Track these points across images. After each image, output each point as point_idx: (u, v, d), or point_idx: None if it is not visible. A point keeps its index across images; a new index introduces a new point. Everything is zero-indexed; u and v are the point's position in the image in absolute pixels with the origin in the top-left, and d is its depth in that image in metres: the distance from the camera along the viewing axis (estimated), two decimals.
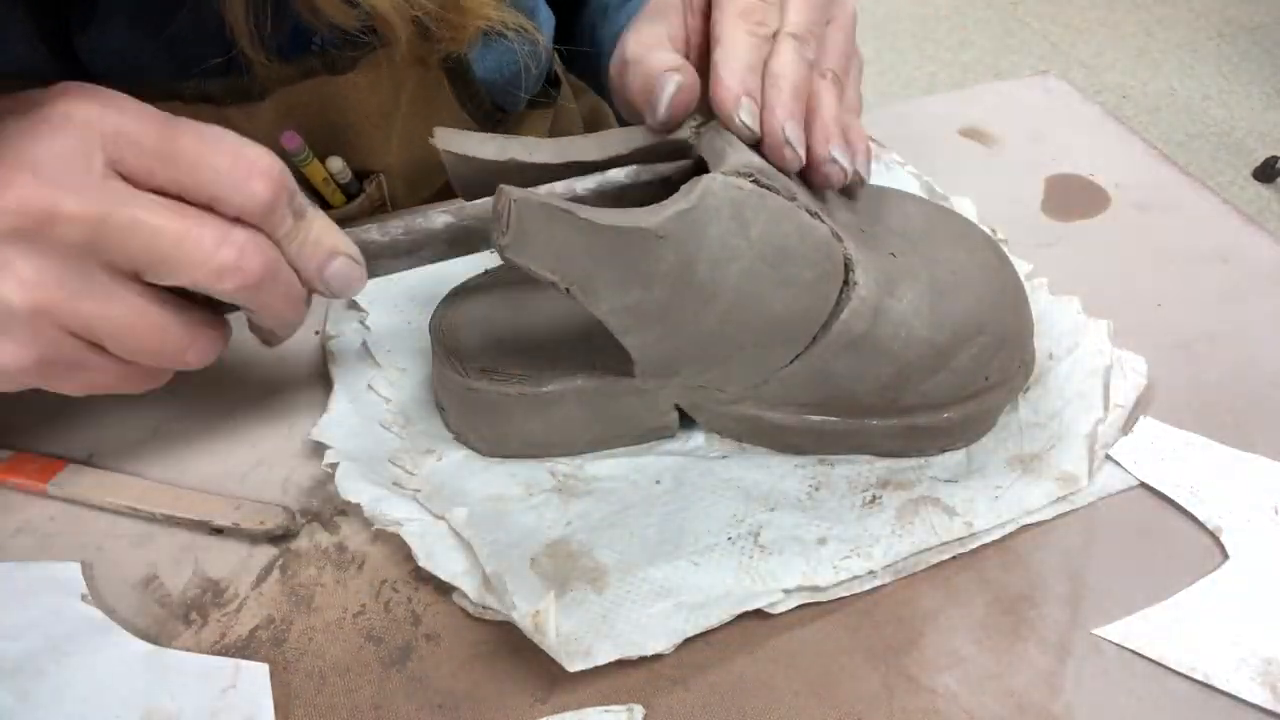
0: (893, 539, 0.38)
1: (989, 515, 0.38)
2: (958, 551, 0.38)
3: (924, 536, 0.38)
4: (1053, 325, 0.46)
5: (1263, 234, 0.54)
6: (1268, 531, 0.39)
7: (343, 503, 0.39)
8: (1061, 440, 0.41)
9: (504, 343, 0.41)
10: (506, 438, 0.41)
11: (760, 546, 0.38)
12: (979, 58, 2.29)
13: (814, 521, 0.38)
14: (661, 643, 0.34)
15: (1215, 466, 0.42)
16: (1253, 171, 1.94)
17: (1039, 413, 0.42)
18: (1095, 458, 0.40)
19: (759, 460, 0.41)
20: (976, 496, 0.39)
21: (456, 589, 0.36)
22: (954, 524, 0.38)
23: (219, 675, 0.34)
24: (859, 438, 0.41)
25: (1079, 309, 0.46)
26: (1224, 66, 2.25)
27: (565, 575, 0.36)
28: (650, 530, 0.38)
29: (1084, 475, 0.40)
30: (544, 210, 0.34)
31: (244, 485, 0.41)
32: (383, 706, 0.34)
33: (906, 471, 0.40)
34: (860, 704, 0.34)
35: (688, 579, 0.36)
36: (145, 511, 0.39)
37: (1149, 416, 0.43)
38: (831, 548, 0.37)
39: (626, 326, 0.37)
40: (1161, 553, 0.39)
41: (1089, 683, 0.35)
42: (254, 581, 0.38)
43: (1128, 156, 0.60)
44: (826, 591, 0.37)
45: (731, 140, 0.37)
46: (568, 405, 0.40)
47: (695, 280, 0.36)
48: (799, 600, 0.36)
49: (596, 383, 0.39)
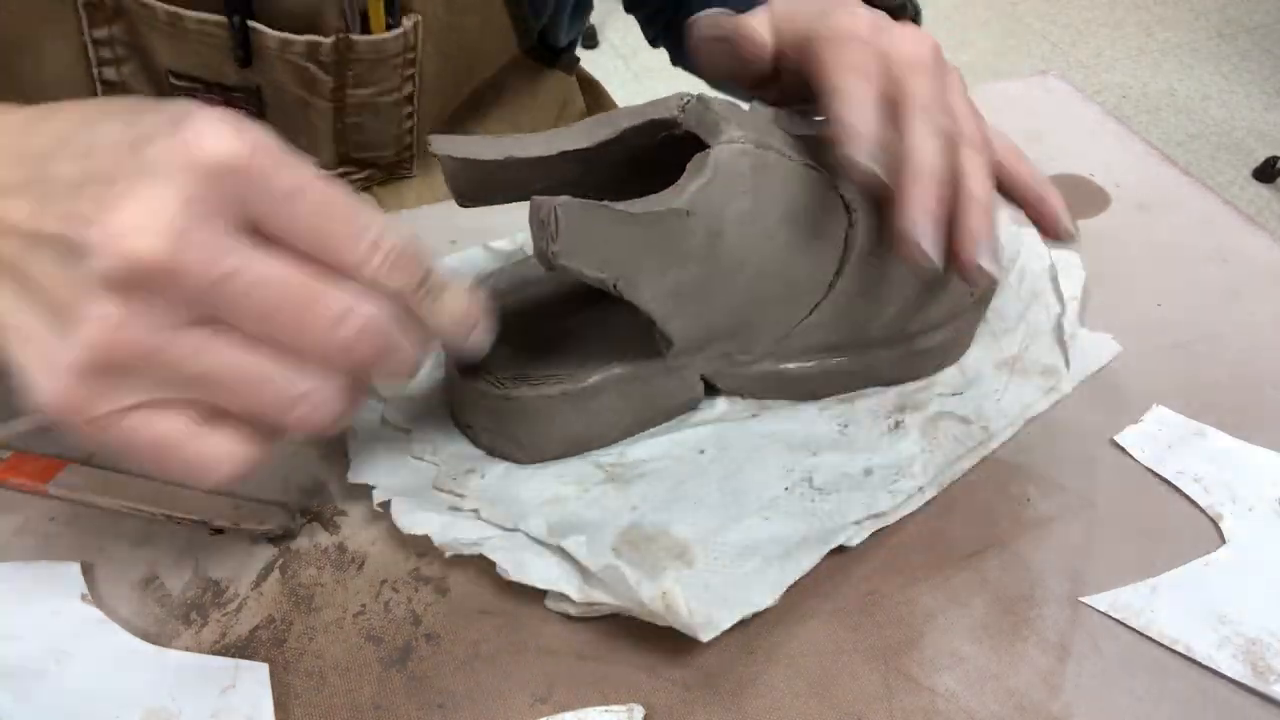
0: (926, 456, 0.40)
1: (998, 418, 0.42)
2: (982, 455, 0.42)
3: (952, 447, 0.41)
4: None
5: (1263, 234, 0.54)
6: (1269, 521, 0.39)
7: (344, 503, 0.39)
8: (1033, 339, 0.46)
9: (527, 348, 0.41)
10: (548, 440, 0.40)
11: (817, 489, 0.39)
12: (979, 58, 2.29)
13: (854, 456, 0.41)
14: (768, 597, 0.35)
15: (1223, 456, 0.42)
16: (1253, 171, 1.94)
17: (1006, 318, 0.47)
18: (1065, 348, 0.45)
19: (786, 413, 0.43)
20: (982, 403, 0.43)
21: (550, 593, 0.36)
22: (972, 430, 0.42)
23: (219, 675, 0.34)
24: (870, 372, 0.44)
25: (1009, 219, 0.49)
26: (1224, 66, 2.25)
27: (653, 557, 0.37)
28: (712, 497, 0.39)
29: (1061, 365, 0.45)
30: (585, 210, 0.34)
31: (244, 485, 0.41)
32: (383, 706, 0.34)
33: (916, 394, 0.44)
34: (860, 704, 0.34)
35: (763, 533, 0.37)
36: (145, 511, 0.39)
37: (1160, 405, 0.44)
38: (878, 476, 0.40)
39: (668, 311, 0.38)
40: (1163, 552, 0.39)
41: (1089, 683, 0.35)
42: (254, 581, 0.38)
43: (1128, 156, 0.60)
44: (888, 515, 0.39)
45: (721, 111, 0.38)
46: (607, 396, 0.40)
47: (724, 251, 0.37)
48: (870, 529, 0.39)
49: (631, 368, 0.40)
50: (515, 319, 0.41)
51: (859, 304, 0.41)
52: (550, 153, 0.39)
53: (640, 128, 0.40)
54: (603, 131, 0.40)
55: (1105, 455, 0.43)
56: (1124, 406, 0.44)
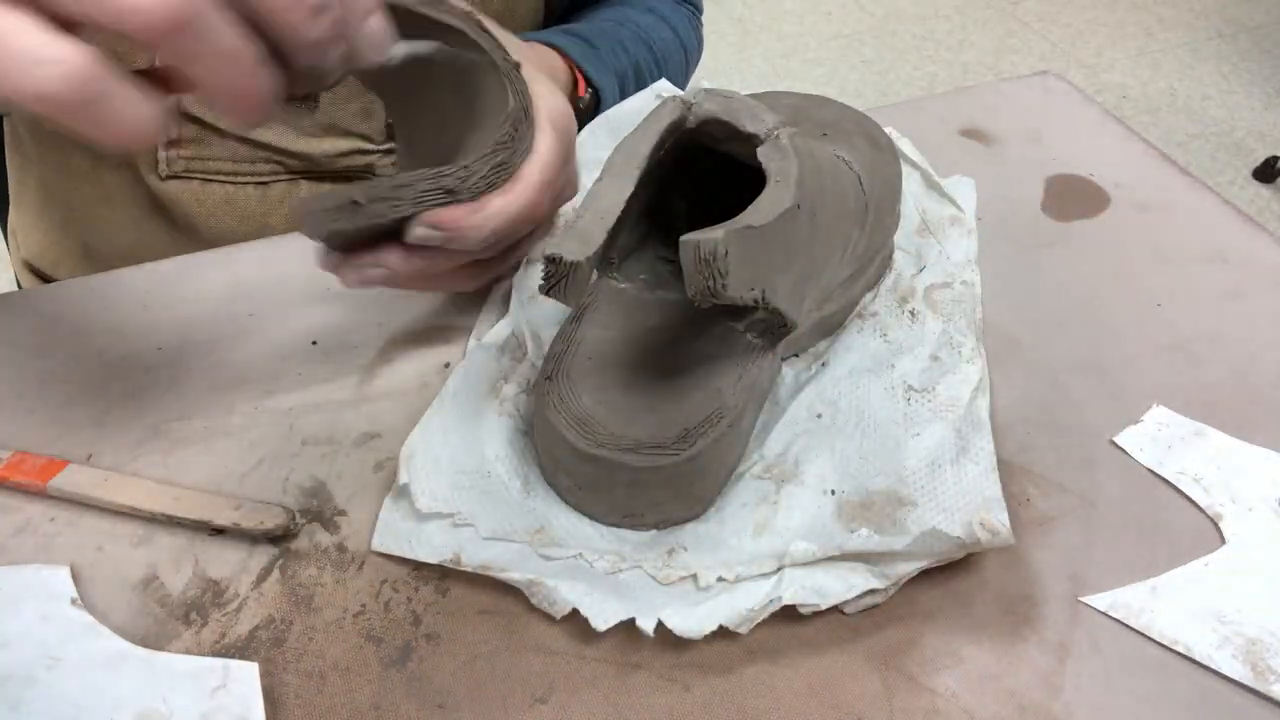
0: (953, 324, 0.45)
1: (961, 269, 0.49)
2: (976, 304, 0.47)
3: (963, 310, 0.46)
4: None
5: (1263, 234, 0.54)
6: (1268, 522, 0.39)
7: (344, 503, 0.39)
8: (926, 204, 0.53)
9: (652, 408, 0.39)
10: (716, 481, 0.39)
11: (920, 391, 0.42)
12: (979, 58, 2.29)
13: (914, 351, 0.44)
14: (994, 486, 0.38)
15: (1222, 456, 0.42)
16: (1253, 171, 1.94)
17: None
18: (950, 195, 0.53)
19: (836, 352, 0.45)
20: (942, 266, 0.49)
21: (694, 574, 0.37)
22: (959, 287, 0.48)
23: (209, 676, 0.34)
24: (868, 280, 0.48)
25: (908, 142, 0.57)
26: (1224, 66, 2.25)
27: (888, 513, 0.37)
28: (868, 443, 0.41)
29: (956, 210, 0.53)
30: (738, 236, 0.33)
31: (244, 485, 0.41)
32: (383, 706, 0.34)
33: (901, 284, 0.49)
34: (860, 704, 0.34)
35: (931, 442, 0.39)
36: (145, 511, 0.39)
37: (1160, 405, 0.44)
38: (945, 357, 0.44)
39: (794, 303, 0.38)
40: (1162, 552, 0.39)
41: (1089, 683, 0.35)
42: (254, 581, 0.38)
43: (1128, 156, 0.60)
44: (982, 379, 0.43)
45: (734, 100, 0.39)
46: (749, 409, 0.40)
47: (818, 229, 0.39)
48: (987, 391, 0.43)
49: (751, 370, 0.39)
50: (622, 388, 0.39)
51: (867, 234, 0.45)
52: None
53: (658, 143, 0.39)
54: (634, 165, 0.38)
55: (1105, 455, 0.43)
56: (1124, 406, 0.44)
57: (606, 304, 0.42)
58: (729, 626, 0.35)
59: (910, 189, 0.54)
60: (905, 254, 0.51)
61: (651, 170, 0.39)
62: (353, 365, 0.46)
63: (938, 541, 0.36)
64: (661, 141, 0.39)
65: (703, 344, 0.41)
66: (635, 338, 0.41)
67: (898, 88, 2.18)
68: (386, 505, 0.39)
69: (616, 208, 0.37)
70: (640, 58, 0.67)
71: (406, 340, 0.48)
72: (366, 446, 0.43)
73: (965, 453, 0.39)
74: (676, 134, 0.39)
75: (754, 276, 0.35)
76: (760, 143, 0.38)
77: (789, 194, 0.36)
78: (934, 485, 0.38)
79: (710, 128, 0.39)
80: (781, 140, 0.38)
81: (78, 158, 0.62)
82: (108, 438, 0.43)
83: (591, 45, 0.63)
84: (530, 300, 0.47)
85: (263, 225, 0.63)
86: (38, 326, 0.48)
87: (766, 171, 0.37)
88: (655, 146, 0.38)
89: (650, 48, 0.68)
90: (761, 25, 2.41)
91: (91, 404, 0.44)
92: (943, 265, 0.50)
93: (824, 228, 0.40)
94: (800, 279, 0.39)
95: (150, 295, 0.50)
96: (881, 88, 2.17)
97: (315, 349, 0.47)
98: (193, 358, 0.47)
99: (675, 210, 0.45)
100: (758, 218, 0.35)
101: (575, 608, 0.35)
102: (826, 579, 0.36)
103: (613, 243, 0.39)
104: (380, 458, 0.42)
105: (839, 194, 0.42)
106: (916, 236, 0.52)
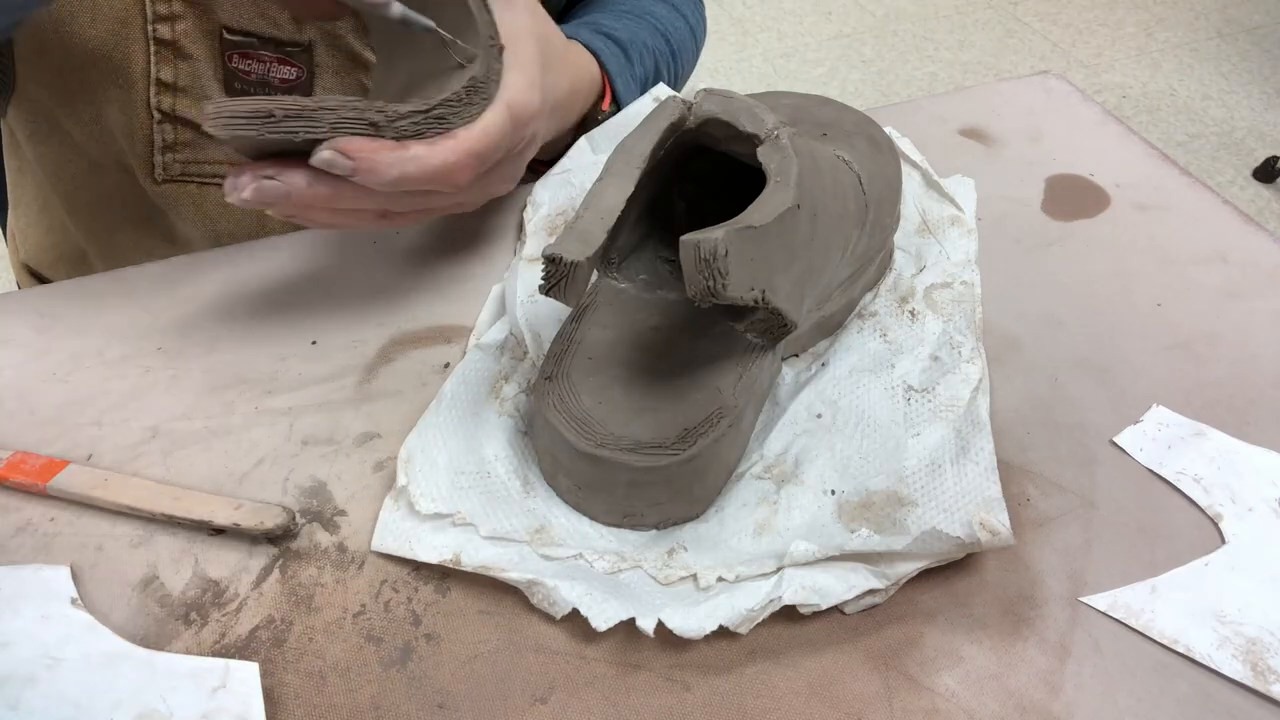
0: (953, 324, 0.45)
1: (961, 269, 0.49)
2: (976, 304, 0.47)
3: (963, 310, 0.46)
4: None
5: (1263, 234, 0.54)
6: (1268, 522, 0.39)
7: (344, 503, 0.39)
8: (925, 205, 0.53)
9: (653, 407, 0.38)
10: (716, 481, 0.39)
11: (920, 391, 0.42)
12: (979, 58, 2.29)
13: (914, 351, 0.44)
14: (994, 486, 0.38)
15: (1222, 456, 0.42)
16: (1253, 171, 1.94)
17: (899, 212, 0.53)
18: (950, 196, 0.53)
19: (836, 352, 0.45)
20: (941, 266, 0.49)
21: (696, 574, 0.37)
22: (959, 287, 0.47)
23: (209, 676, 0.34)
24: (868, 280, 0.48)
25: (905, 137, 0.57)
26: (1224, 66, 2.25)
27: (887, 513, 0.37)
28: (866, 443, 0.40)
29: (956, 210, 0.52)
30: (738, 236, 0.34)
31: (244, 485, 0.41)
32: (383, 706, 0.34)
33: (901, 284, 0.49)
34: (860, 704, 0.34)
35: (932, 440, 0.39)
36: (145, 511, 0.39)
37: (1160, 405, 0.44)
38: (945, 357, 0.44)
39: (795, 303, 0.38)
40: (1162, 552, 0.39)
41: (1089, 683, 0.35)
42: (254, 581, 0.38)
43: (1128, 156, 0.60)
44: (982, 379, 0.42)
45: (734, 101, 0.39)
46: (749, 408, 0.40)
47: (818, 229, 0.39)
48: (986, 391, 0.42)
49: (750, 369, 0.39)
50: (622, 388, 0.39)
51: (866, 234, 0.45)
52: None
53: (659, 143, 0.39)
54: (634, 165, 0.38)
55: (1105, 455, 0.43)
56: (1124, 406, 0.44)
57: (606, 304, 0.42)
58: (729, 626, 0.35)
59: (910, 189, 0.54)
60: (905, 254, 0.50)
61: (651, 170, 0.39)
62: (353, 365, 0.46)
63: (938, 542, 0.36)
64: (661, 141, 0.39)
65: (703, 344, 0.41)
66: (635, 338, 0.41)
67: (898, 88, 2.18)
68: (386, 505, 0.40)
69: (616, 208, 0.37)
70: (660, 56, 0.67)
71: (406, 340, 0.48)
72: (366, 446, 0.43)
73: (965, 453, 0.39)
74: (676, 134, 0.39)
75: (754, 276, 0.35)
76: (760, 143, 0.38)
77: (789, 194, 0.36)
78: (934, 485, 0.38)
79: (710, 128, 0.39)
80: (781, 140, 0.37)
81: (75, 162, 0.62)
82: (108, 438, 0.43)
83: (626, 55, 0.62)
84: (530, 300, 0.46)
85: (261, 226, 0.63)
86: (38, 326, 0.48)
87: (766, 171, 0.37)
88: (655, 146, 0.38)
89: (668, 41, 0.68)
90: (761, 25, 2.41)
91: (91, 404, 0.44)
92: (943, 265, 0.50)
93: (824, 228, 0.40)
94: (800, 279, 0.39)
95: (150, 295, 0.50)
96: (881, 88, 2.17)
97: (315, 349, 0.47)
98: (193, 358, 0.47)
99: (675, 210, 0.45)
100: (758, 218, 0.35)
101: (575, 608, 0.35)
102: (826, 579, 0.36)
103: (613, 243, 0.39)
104: (380, 458, 0.42)
105: (839, 194, 0.42)
106: (916, 236, 0.52)
